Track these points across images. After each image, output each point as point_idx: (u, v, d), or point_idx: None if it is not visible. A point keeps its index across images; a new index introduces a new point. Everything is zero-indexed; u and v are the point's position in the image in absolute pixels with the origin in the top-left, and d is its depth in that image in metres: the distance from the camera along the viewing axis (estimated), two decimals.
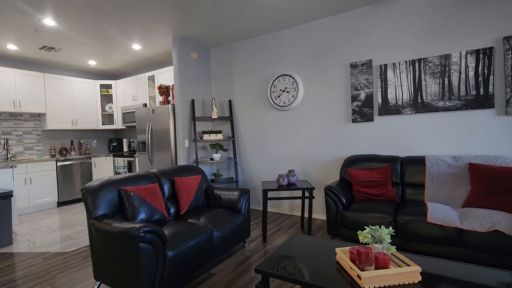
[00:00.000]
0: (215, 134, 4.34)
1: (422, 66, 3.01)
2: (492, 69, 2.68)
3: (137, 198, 2.29)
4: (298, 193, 3.94)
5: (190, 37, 4.18)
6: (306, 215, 3.86)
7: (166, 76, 4.82)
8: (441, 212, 2.38)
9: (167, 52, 4.86)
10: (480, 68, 2.73)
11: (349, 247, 1.58)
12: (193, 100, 4.32)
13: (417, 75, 3.04)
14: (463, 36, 2.80)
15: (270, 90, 4.05)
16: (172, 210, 2.66)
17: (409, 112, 3.10)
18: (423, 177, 2.86)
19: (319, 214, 3.78)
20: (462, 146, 2.87)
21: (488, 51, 2.69)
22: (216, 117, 4.33)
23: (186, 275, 2.07)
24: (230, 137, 4.52)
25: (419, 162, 2.92)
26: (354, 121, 3.44)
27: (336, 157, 3.61)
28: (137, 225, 1.77)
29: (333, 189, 2.85)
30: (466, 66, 2.79)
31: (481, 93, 2.74)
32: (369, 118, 3.34)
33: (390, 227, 2.24)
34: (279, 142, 4.08)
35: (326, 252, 1.69)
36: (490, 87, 2.70)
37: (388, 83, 3.20)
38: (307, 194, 3.76)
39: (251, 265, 2.51)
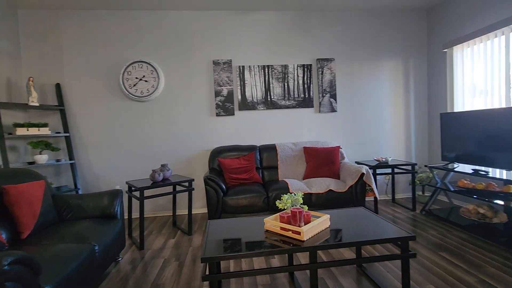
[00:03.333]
0: (37, 128, 3.16)
1: (270, 71, 3.72)
2: (311, 80, 3.79)
3: None
4: (168, 189, 3.67)
5: None
6: (183, 212, 3.66)
7: None
8: (296, 184, 3.10)
9: None
10: (305, 78, 3.78)
11: (273, 216, 1.78)
12: None
13: (267, 78, 3.72)
14: (295, 53, 3.76)
15: (123, 77, 3.49)
16: (4, 236, 1.73)
17: (262, 108, 3.73)
18: (276, 161, 3.56)
19: (187, 209, 3.71)
20: (298, 134, 3.83)
21: (309, 67, 3.78)
22: (37, 104, 3.17)
23: None
24: (60, 132, 3.43)
25: (272, 149, 3.60)
26: (218, 115, 3.67)
27: (202, 149, 3.70)
28: None
29: (213, 178, 2.93)
30: (298, 75, 3.77)
31: (306, 96, 3.79)
32: (231, 113, 3.69)
33: (288, 196, 2.65)
34: (139, 137, 3.60)
35: (249, 227, 1.78)
36: (311, 93, 3.80)
37: (245, 82, 3.69)
38: (179, 188, 3.57)
39: (143, 279, 2.12)
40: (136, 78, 3.52)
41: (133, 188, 2.73)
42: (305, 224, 1.61)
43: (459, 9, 3.39)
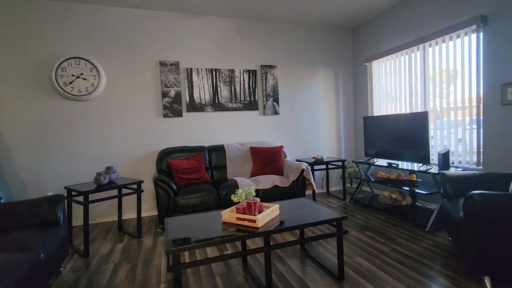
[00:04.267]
0: None
1: (218, 75, 3.87)
2: (256, 84, 4.07)
3: None
4: (113, 193, 3.47)
5: None
6: (129, 216, 3.49)
7: None
8: (245, 182, 3.31)
9: None
10: (251, 82, 4.03)
11: (229, 209, 1.94)
12: None
13: (214, 81, 3.85)
14: (241, 58, 3.98)
15: (56, 74, 3.21)
16: None
17: (210, 110, 3.85)
18: (224, 160, 3.72)
19: (134, 213, 3.59)
20: (244, 135, 4.05)
21: (254, 72, 4.05)
22: None
23: None
24: None
25: (220, 149, 3.75)
26: (165, 116, 3.66)
27: (150, 151, 3.63)
28: None
29: (163, 179, 2.94)
30: (244, 80, 4.00)
31: (252, 99, 4.05)
32: (179, 114, 3.72)
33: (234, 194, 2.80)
34: (79, 138, 3.34)
35: (206, 221, 1.91)
36: (256, 96, 4.07)
37: (193, 85, 3.76)
38: (126, 191, 3.42)
39: (95, 284, 2.05)
40: (73, 75, 3.27)
41: (73, 193, 2.56)
42: (259, 213, 1.82)
43: (376, 31, 4.07)
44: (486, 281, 1.72)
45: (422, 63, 3.42)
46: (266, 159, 3.71)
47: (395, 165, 3.31)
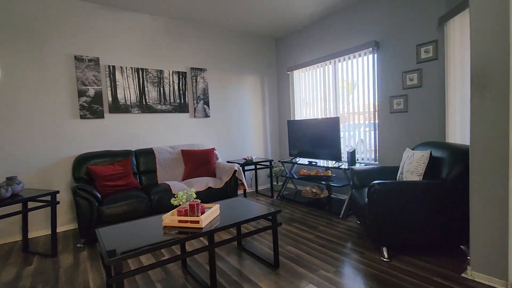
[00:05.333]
0: None
1: (144, 74, 3.67)
2: (186, 86, 4.03)
3: None
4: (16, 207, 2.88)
5: None
6: (36, 234, 2.94)
7: None
8: (177, 185, 3.25)
9: None
10: (181, 84, 3.97)
11: (170, 212, 1.92)
12: None
13: (141, 81, 3.65)
14: (170, 59, 3.88)
15: None
16: None
17: (137, 112, 3.63)
18: (154, 164, 3.56)
19: (42, 229, 3.08)
20: (175, 138, 3.96)
21: (184, 74, 4.00)
22: None
23: None
24: None
25: (149, 153, 3.58)
26: (83, 117, 3.27)
27: (63, 157, 3.18)
28: None
29: (84, 187, 2.65)
30: (173, 81, 3.91)
31: (182, 102, 3.99)
32: (100, 115, 3.38)
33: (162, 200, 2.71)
34: None
35: (144, 227, 1.84)
36: (186, 99, 4.03)
37: (117, 84, 3.48)
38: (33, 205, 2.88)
39: None
40: None
41: None
42: (201, 214, 1.87)
43: (297, 44, 4.56)
44: (384, 250, 2.19)
45: (334, 75, 4.02)
46: (198, 161, 3.72)
47: (314, 163, 3.78)
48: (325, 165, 3.60)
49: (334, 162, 3.66)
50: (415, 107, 3.07)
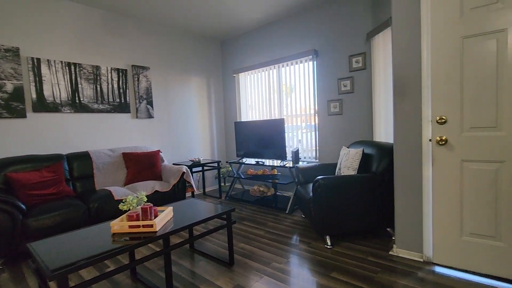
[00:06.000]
0: None
1: (78, 70, 3.32)
2: (127, 85, 3.77)
3: None
4: None
5: None
6: None
7: None
8: (120, 191, 3.03)
9: None
10: (121, 82, 3.70)
11: (118, 218, 1.80)
12: None
13: (73, 77, 3.29)
14: (108, 55, 3.59)
15: None
16: None
17: (69, 111, 3.25)
18: (91, 169, 3.24)
19: None
20: (115, 140, 3.66)
21: (125, 72, 3.74)
22: None
23: None
24: None
25: (84, 157, 3.24)
26: None
27: None
28: None
29: (4, 198, 2.28)
30: (112, 79, 3.61)
31: (122, 101, 3.72)
32: (21, 114, 2.93)
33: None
34: None
35: (88, 237, 1.69)
36: (127, 98, 3.77)
37: (43, 79, 3.07)
38: None
39: None
40: None
41: None
42: (155, 218, 1.80)
43: (242, 47, 4.68)
44: (327, 239, 2.43)
45: (278, 79, 4.25)
46: (142, 164, 3.52)
47: (261, 163, 3.94)
48: (272, 164, 3.78)
49: (279, 161, 3.87)
50: (349, 110, 3.47)
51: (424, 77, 1.98)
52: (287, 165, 3.57)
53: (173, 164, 4.16)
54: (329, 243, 2.41)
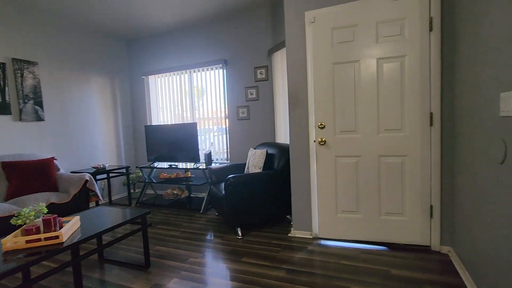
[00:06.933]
0: None
1: None
2: (6, 81, 3.19)
3: None
4: None
5: None
6: None
7: None
8: (1, 207, 2.57)
9: None
10: None
11: (11, 234, 1.61)
12: None
13: None
14: None
15: None
16: None
17: None
18: None
19: None
20: None
21: (2, 66, 3.15)
22: None
23: None
24: None
25: None
26: None
27: None
28: None
29: None
30: None
31: (1, 100, 3.13)
32: None
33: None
34: None
35: None
36: (7, 97, 3.19)
37: None
38: None
39: None
40: None
41: None
42: (60, 228, 1.69)
43: (152, 49, 4.57)
44: (238, 230, 2.72)
45: (190, 83, 4.36)
46: (31, 174, 3.06)
47: (174, 166, 3.97)
48: (185, 167, 3.87)
49: (193, 163, 3.98)
50: (255, 115, 3.89)
51: (309, 92, 2.50)
52: (200, 167, 3.73)
53: (71, 172, 3.73)
54: (240, 234, 2.70)
